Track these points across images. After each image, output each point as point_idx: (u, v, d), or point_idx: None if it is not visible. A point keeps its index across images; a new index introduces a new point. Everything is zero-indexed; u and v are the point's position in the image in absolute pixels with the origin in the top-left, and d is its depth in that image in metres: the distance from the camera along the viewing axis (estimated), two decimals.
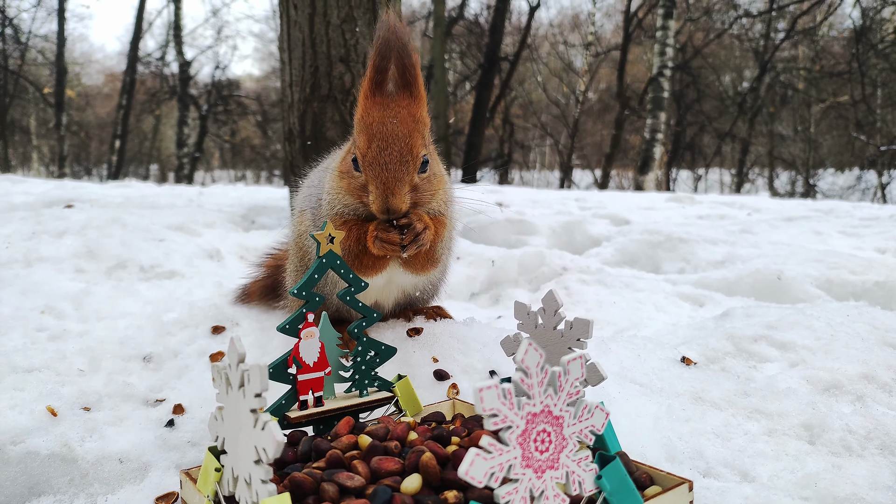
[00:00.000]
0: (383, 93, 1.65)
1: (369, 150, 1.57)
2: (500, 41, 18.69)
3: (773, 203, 9.07)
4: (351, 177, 1.64)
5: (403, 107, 1.63)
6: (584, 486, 0.94)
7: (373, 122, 1.60)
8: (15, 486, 1.35)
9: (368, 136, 1.58)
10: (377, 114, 1.61)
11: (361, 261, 1.65)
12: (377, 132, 1.58)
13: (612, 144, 20.39)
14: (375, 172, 1.56)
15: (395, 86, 1.67)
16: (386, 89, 1.66)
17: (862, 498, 1.26)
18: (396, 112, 1.61)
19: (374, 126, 1.59)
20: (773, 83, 21.12)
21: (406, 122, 1.61)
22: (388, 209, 1.54)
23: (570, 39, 24.94)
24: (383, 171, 1.55)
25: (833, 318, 2.15)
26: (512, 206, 6.56)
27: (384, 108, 1.62)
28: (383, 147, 1.56)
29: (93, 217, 3.93)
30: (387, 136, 1.57)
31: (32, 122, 23.87)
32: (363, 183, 1.60)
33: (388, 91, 1.66)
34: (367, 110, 1.63)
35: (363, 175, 1.59)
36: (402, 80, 1.67)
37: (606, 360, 1.83)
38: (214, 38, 25.32)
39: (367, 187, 1.59)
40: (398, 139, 1.58)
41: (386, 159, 1.56)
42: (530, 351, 0.85)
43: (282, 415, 1.35)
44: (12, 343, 2.07)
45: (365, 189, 1.60)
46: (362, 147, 1.59)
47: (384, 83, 1.66)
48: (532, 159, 29.35)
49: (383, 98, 1.64)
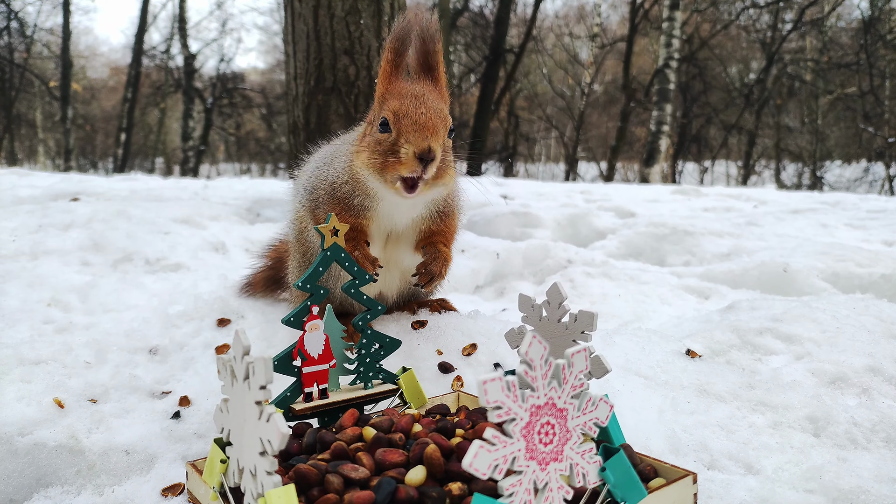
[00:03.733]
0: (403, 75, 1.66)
1: (403, 104, 1.56)
2: (505, 33, 18.61)
3: (779, 195, 9.03)
4: (376, 143, 1.60)
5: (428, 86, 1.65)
6: (588, 478, 0.94)
7: (402, 89, 1.60)
8: (23, 477, 1.36)
9: (400, 97, 1.58)
10: (405, 85, 1.62)
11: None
12: (408, 92, 1.59)
13: (618, 137, 20.31)
14: (412, 120, 1.53)
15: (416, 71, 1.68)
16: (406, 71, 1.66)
17: (867, 490, 1.26)
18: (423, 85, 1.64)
19: (405, 90, 1.60)
20: (781, 74, 20.98)
21: (432, 92, 1.63)
22: (428, 148, 1.51)
23: (576, 31, 24.82)
24: (420, 116, 1.53)
25: (839, 311, 2.14)
26: (517, 199, 6.55)
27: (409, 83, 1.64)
28: (417, 102, 1.56)
29: (99, 210, 3.94)
30: (419, 95, 1.58)
31: (38, 116, 23.92)
32: (392, 142, 1.56)
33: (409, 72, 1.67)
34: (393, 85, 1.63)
35: (394, 132, 1.56)
36: (425, 64, 1.67)
37: (611, 353, 1.83)
38: (219, 30, 25.34)
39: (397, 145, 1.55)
40: (430, 99, 1.59)
41: (422, 109, 1.55)
42: (534, 343, 0.85)
43: (287, 407, 1.35)
44: (19, 335, 2.09)
45: (394, 148, 1.56)
46: (394, 105, 1.57)
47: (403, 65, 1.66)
48: (537, 152, 29.27)
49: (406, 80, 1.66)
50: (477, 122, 18.53)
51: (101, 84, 27.51)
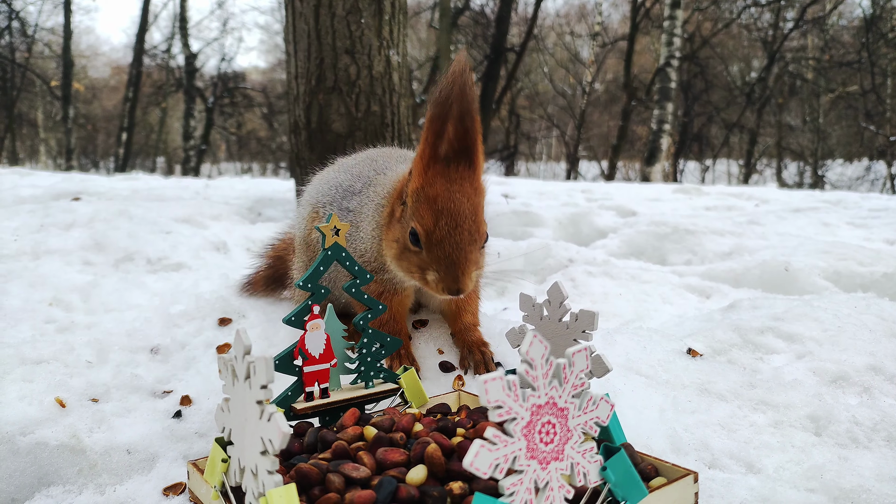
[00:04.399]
0: (442, 159, 1.48)
1: (437, 228, 1.43)
2: (506, 32, 18.59)
3: (781, 194, 9.02)
4: (406, 250, 1.50)
5: (465, 178, 1.48)
6: (589, 477, 0.94)
7: (437, 196, 1.44)
8: (25, 476, 1.36)
9: (435, 213, 1.43)
10: (441, 186, 1.45)
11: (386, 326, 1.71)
12: (444, 208, 1.43)
13: (619, 135, 20.29)
14: (445, 253, 1.42)
15: (453, 151, 1.48)
16: (445, 155, 1.48)
17: (868, 489, 1.25)
18: (460, 184, 1.47)
19: (440, 201, 1.44)
20: (782, 73, 20.95)
21: (470, 195, 1.47)
22: (457, 290, 1.42)
23: (577, 30, 24.81)
24: (454, 250, 1.42)
25: (840, 310, 2.14)
26: (518, 198, 6.55)
27: (446, 178, 1.46)
28: (452, 226, 1.43)
29: (100, 210, 3.94)
30: (455, 214, 1.43)
31: (40, 115, 23.95)
32: (422, 261, 1.47)
33: (447, 157, 1.48)
34: (429, 181, 1.46)
35: (424, 253, 1.46)
36: (460, 144, 1.48)
37: (612, 352, 1.83)
38: (220, 30, 25.35)
39: (427, 266, 1.46)
40: (466, 216, 1.44)
41: (456, 240, 1.42)
42: (535, 343, 0.85)
43: (288, 406, 1.35)
44: (21, 335, 2.09)
45: (423, 267, 1.47)
46: (427, 224, 1.44)
47: (443, 148, 1.48)
48: (538, 150, 29.26)
49: (444, 167, 1.47)
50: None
51: (102, 83, 27.54)
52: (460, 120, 1.46)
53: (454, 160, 1.48)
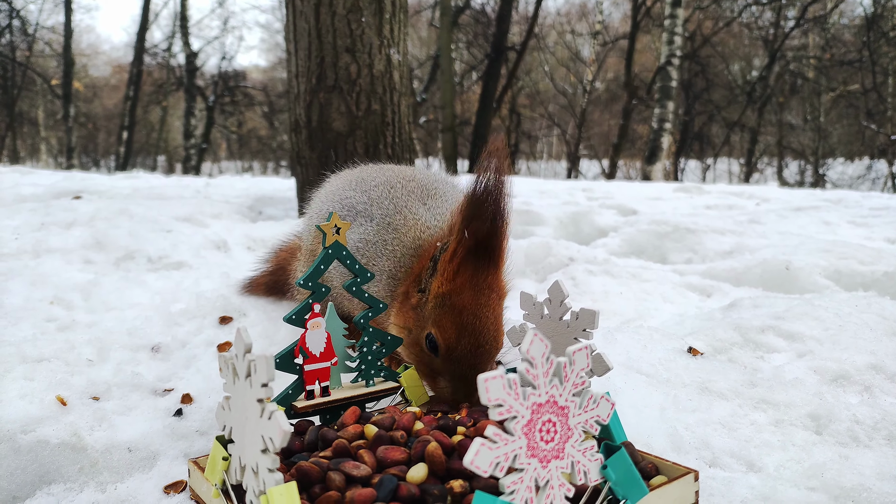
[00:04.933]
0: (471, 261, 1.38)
1: (459, 345, 1.35)
2: (506, 30, 18.58)
3: (781, 193, 9.01)
4: (422, 352, 1.42)
5: (492, 286, 1.40)
6: (590, 476, 0.94)
7: (464, 309, 1.36)
8: (26, 474, 1.36)
9: (458, 328, 1.35)
10: (468, 298, 1.36)
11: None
12: (469, 325, 1.35)
13: (620, 134, 20.28)
14: (462, 370, 1.36)
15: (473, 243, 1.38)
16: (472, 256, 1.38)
17: (869, 488, 1.25)
18: (487, 296, 1.38)
19: (466, 315, 1.35)
20: (783, 72, 20.93)
21: (495, 306, 1.39)
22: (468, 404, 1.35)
23: (578, 28, 24.80)
24: (471, 371, 1.34)
25: (841, 309, 2.14)
26: (518, 197, 6.55)
27: (474, 288, 1.37)
28: (475, 346, 1.35)
29: (101, 208, 3.95)
30: (479, 333, 1.35)
31: (40, 114, 23.96)
32: (437, 368, 1.41)
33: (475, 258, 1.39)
34: (457, 290, 1.37)
35: (440, 362, 1.39)
36: (487, 245, 1.38)
37: (613, 351, 1.83)
38: (221, 28, 25.36)
39: (441, 373, 1.41)
40: (489, 334, 1.37)
41: (476, 361, 1.35)
42: (536, 341, 0.85)
43: (288, 404, 1.35)
44: (22, 333, 2.09)
45: (436, 372, 1.41)
46: (449, 339, 1.36)
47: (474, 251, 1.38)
48: (539, 149, 29.25)
49: (472, 272, 1.38)
50: (478, 119, 18.52)
51: (102, 82, 27.56)
52: (494, 219, 1.35)
53: (482, 263, 1.39)
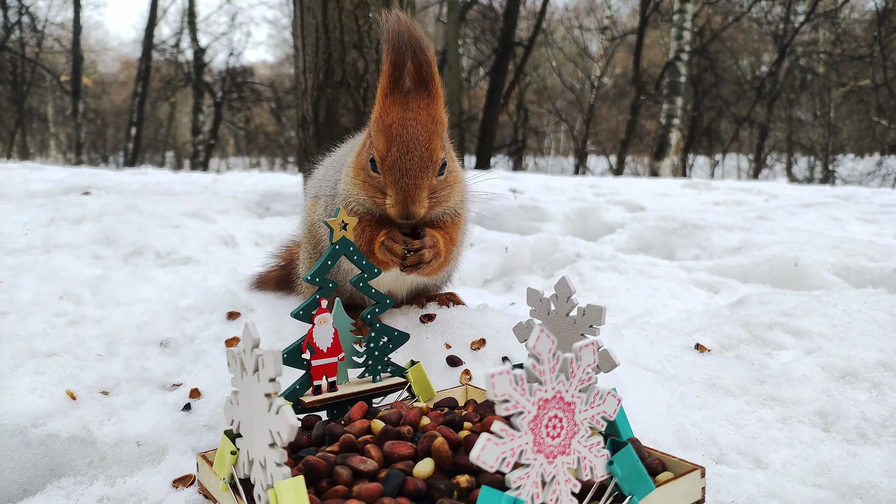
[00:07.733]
0: (402, 90, 1.58)
1: (389, 153, 1.53)
2: (514, 26, 18.52)
3: (790, 189, 8.95)
4: (368, 176, 1.59)
5: (422, 107, 1.57)
6: (596, 472, 0.95)
7: (392, 124, 1.55)
8: (36, 467, 1.37)
9: (388, 139, 1.54)
10: (396, 114, 1.55)
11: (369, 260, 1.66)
12: (397, 135, 1.53)
13: (628, 130, 20.19)
14: (395, 177, 1.52)
15: (412, 83, 1.59)
16: (404, 86, 1.58)
17: (876, 485, 1.25)
18: (416, 113, 1.56)
19: (394, 128, 1.54)
20: (793, 67, 20.77)
21: (426, 124, 1.56)
22: (407, 215, 1.52)
23: (586, 23, 24.66)
24: (403, 176, 1.51)
25: (850, 306, 2.13)
26: (526, 193, 6.54)
27: (403, 108, 1.56)
28: (403, 152, 1.52)
29: (110, 204, 3.97)
30: (407, 140, 1.53)
31: (50, 110, 24.07)
32: (381, 184, 1.56)
33: (406, 88, 1.59)
34: (386, 110, 1.57)
35: (381, 177, 1.55)
36: (418, 77, 1.59)
37: (619, 347, 1.83)
38: (228, 24, 25.39)
39: (384, 189, 1.55)
40: (418, 143, 1.53)
41: (406, 164, 1.51)
42: (542, 337, 0.85)
43: (296, 399, 1.36)
44: (32, 328, 2.11)
45: (382, 191, 1.56)
46: (381, 150, 1.54)
47: (402, 80, 1.58)
48: (546, 145, 29.17)
49: (402, 96, 1.58)
50: (486, 115, 18.48)
51: (111, 78, 27.65)
52: (414, 54, 1.57)
53: (414, 92, 1.59)
